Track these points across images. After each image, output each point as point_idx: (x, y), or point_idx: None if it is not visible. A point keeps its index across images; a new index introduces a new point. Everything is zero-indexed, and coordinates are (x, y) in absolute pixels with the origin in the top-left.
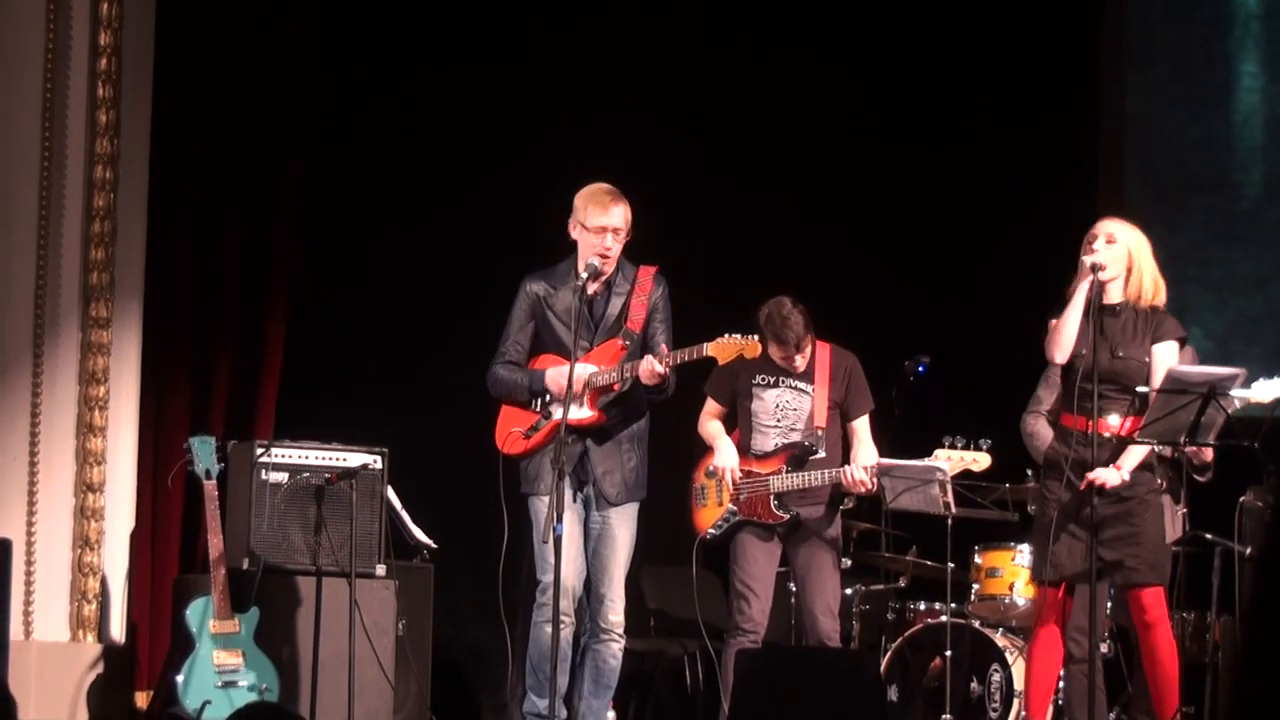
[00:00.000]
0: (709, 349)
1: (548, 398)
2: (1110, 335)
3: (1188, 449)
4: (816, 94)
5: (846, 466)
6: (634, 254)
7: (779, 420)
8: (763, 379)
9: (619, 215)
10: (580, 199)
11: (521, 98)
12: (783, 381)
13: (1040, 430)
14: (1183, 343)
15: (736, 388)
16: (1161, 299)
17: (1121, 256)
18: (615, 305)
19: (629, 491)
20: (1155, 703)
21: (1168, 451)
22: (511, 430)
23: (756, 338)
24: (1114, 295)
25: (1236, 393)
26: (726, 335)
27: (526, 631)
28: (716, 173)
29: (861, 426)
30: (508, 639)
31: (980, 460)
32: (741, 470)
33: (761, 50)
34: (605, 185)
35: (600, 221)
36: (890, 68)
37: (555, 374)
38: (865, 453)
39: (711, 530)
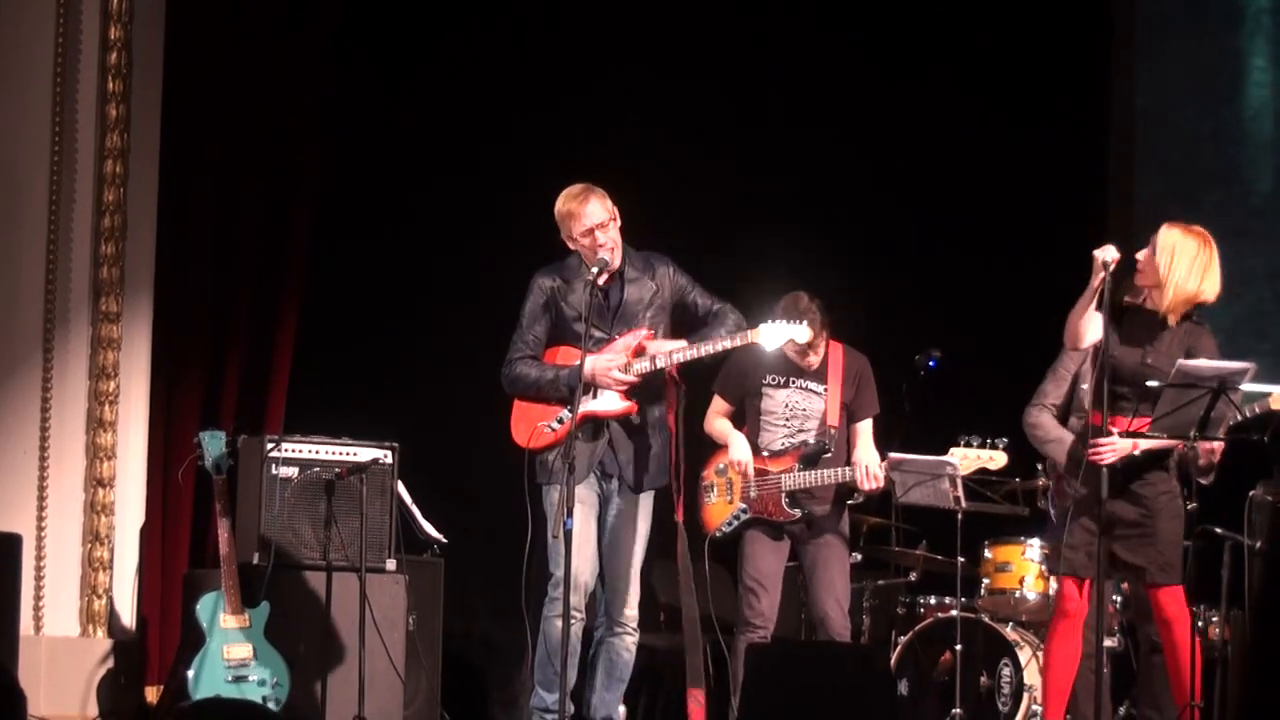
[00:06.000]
0: (752, 335)
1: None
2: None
3: (1199, 452)
4: (828, 86)
5: (859, 463)
6: (650, 243)
7: (788, 420)
8: (773, 379)
9: (596, 212)
10: (558, 214)
11: (538, 88)
12: (793, 382)
13: (1044, 421)
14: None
15: (746, 387)
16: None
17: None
18: (631, 293)
19: (652, 478)
20: (1177, 696)
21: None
22: (537, 425)
23: (806, 322)
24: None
25: (1249, 388)
26: (771, 321)
27: (538, 625)
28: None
29: (865, 429)
30: (528, 633)
31: (997, 459)
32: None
33: (775, 47)
34: (573, 189)
35: (583, 227)
36: (902, 63)
37: (593, 363)
38: (867, 453)
39: (722, 528)
